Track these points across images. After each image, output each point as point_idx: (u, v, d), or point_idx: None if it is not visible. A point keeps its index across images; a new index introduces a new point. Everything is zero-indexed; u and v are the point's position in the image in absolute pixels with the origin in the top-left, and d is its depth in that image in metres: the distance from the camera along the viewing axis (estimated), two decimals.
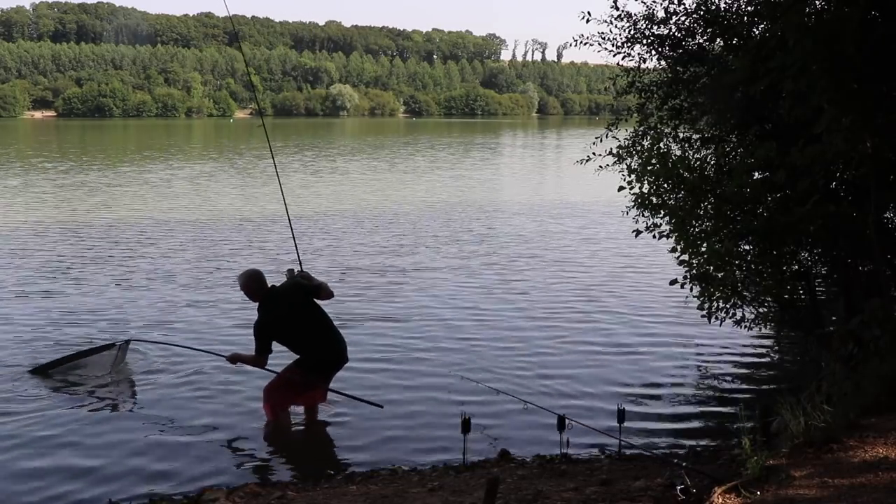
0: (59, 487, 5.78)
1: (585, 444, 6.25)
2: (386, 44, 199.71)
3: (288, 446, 6.61)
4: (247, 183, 28.91)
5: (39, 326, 9.93)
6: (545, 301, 11.46)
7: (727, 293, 7.38)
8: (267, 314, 6.82)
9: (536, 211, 21.79)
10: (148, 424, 7.04)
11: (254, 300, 6.99)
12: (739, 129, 7.63)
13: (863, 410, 5.14)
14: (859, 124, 5.69)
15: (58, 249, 15.21)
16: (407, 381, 8.04)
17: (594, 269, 13.75)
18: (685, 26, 8.05)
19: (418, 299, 11.42)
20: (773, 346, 9.27)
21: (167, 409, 7.43)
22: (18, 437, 6.66)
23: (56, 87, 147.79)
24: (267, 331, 6.80)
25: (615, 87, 9.19)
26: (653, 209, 7.49)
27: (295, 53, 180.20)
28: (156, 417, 7.21)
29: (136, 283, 12.49)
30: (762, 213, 6.95)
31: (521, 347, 9.18)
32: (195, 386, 7.92)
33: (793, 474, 4.31)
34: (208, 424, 7.05)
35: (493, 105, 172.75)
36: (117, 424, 7.01)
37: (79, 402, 7.47)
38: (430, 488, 5.30)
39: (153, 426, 7.00)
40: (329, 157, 43.27)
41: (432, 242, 16.44)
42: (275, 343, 6.87)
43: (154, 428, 6.96)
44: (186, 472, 6.06)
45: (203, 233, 17.43)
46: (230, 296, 11.23)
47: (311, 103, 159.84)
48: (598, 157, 8.26)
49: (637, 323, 10.26)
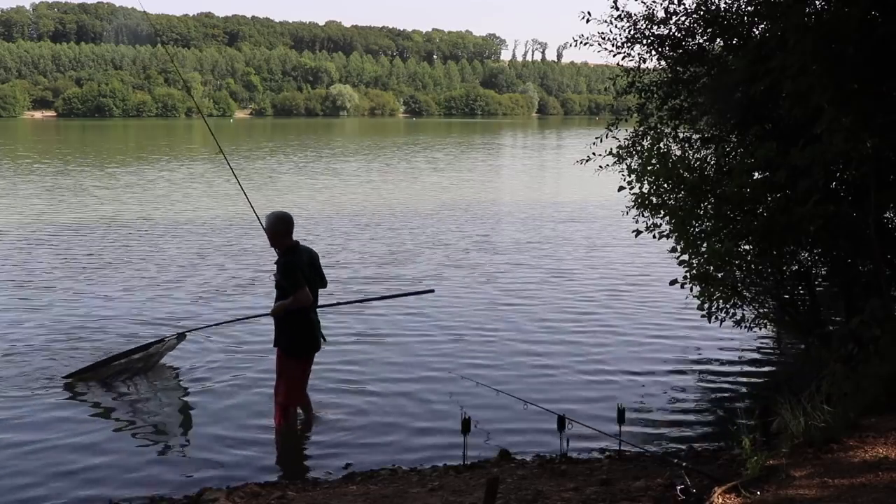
0: (59, 487, 5.77)
1: (585, 444, 6.24)
2: (386, 44, 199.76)
3: (288, 446, 6.60)
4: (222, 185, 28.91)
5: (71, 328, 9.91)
6: (545, 301, 11.46)
7: (727, 293, 7.38)
8: (294, 258, 6.54)
9: (536, 211, 21.78)
10: (148, 424, 7.05)
11: (275, 244, 6.62)
12: (739, 129, 7.63)
13: (863, 410, 5.14)
14: (859, 124, 5.69)
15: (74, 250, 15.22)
16: (407, 381, 8.03)
17: (594, 269, 13.74)
18: (685, 26, 8.04)
19: (418, 299, 11.40)
20: (773, 346, 9.27)
21: (167, 409, 7.43)
22: (18, 436, 6.66)
23: (56, 87, 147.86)
24: (299, 269, 6.48)
25: (615, 87, 9.18)
26: (653, 209, 7.48)
27: (295, 53, 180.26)
28: (156, 418, 7.21)
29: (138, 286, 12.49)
30: (762, 213, 6.94)
31: (520, 347, 9.17)
32: (195, 386, 7.92)
33: (793, 474, 4.31)
34: (209, 424, 7.04)
35: (493, 105, 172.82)
36: (117, 424, 7.01)
37: (78, 403, 7.47)
38: (430, 488, 5.30)
39: (153, 426, 7.01)
40: (332, 158, 43.26)
41: (432, 242, 16.43)
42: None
43: (154, 428, 6.97)
44: (186, 472, 6.06)
45: (192, 233, 17.44)
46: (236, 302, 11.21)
47: (311, 103, 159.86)
48: (598, 157, 8.26)
49: (637, 323, 10.25)
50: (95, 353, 8.64)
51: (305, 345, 6.74)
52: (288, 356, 6.76)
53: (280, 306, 6.60)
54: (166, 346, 8.28)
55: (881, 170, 6.41)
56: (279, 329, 6.73)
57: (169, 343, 8.31)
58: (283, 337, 6.71)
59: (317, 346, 6.82)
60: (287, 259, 6.53)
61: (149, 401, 7.60)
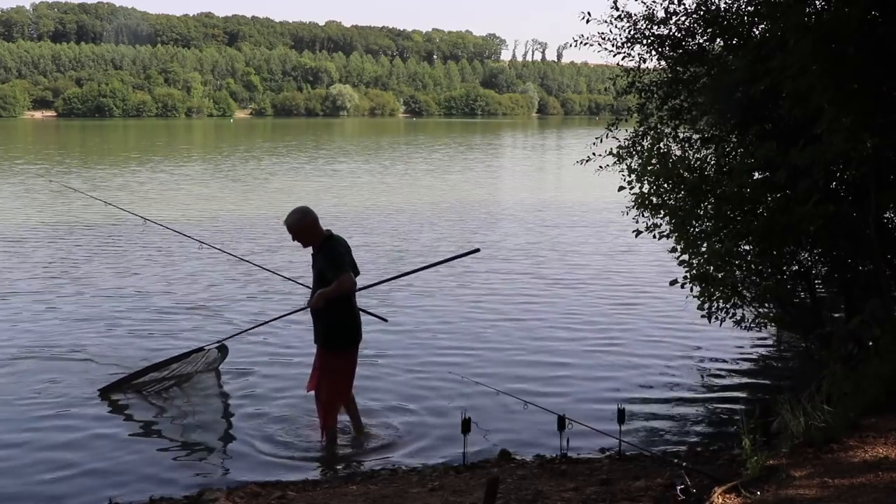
0: (58, 487, 5.78)
1: (585, 444, 6.24)
2: (386, 44, 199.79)
3: (288, 446, 6.60)
4: (226, 185, 28.91)
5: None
6: (545, 301, 11.46)
7: (727, 293, 7.37)
8: (336, 244, 6.27)
9: (536, 211, 21.78)
10: (148, 424, 7.05)
11: (309, 240, 6.30)
12: (739, 129, 7.63)
13: (863, 410, 5.14)
14: (859, 124, 5.69)
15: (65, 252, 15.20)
16: (407, 381, 8.03)
17: (593, 270, 13.74)
18: (685, 26, 8.04)
19: (418, 300, 11.41)
20: (773, 346, 9.27)
21: (167, 409, 7.43)
22: (17, 436, 6.66)
23: (56, 87, 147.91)
24: (343, 255, 6.18)
25: (615, 87, 9.18)
26: (653, 209, 7.48)
27: (295, 53, 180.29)
28: (156, 418, 7.21)
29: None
30: (762, 213, 6.94)
31: (521, 347, 9.17)
32: (195, 386, 7.92)
33: (793, 474, 4.31)
34: (209, 424, 7.05)
35: (493, 105, 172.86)
36: (116, 424, 7.01)
37: (78, 403, 7.46)
38: (430, 488, 5.30)
39: (153, 426, 7.01)
40: (332, 158, 43.28)
41: (431, 242, 16.44)
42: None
43: (154, 428, 6.97)
44: (186, 471, 6.06)
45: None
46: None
47: (311, 103, 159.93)
48: (598, 157, 8.26)
49: (637, 323, 10.26)
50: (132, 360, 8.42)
51: (347, 336, 6.39)
52: (329, 351, 6.40)
53: (320, 296, 6.13)
54: (206, 358, 7.97)
55: (881, 170, 6.41)
56: (319, 323, 6.36)
57: (209, 354, 7.99)
58: (324, 330, 6.36)
59: (359, 337, 6.49)
60: (330, 245, 6.25)
61: (148, 401, 7.59)
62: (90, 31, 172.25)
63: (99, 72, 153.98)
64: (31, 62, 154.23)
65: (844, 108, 5.69)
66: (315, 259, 6.34)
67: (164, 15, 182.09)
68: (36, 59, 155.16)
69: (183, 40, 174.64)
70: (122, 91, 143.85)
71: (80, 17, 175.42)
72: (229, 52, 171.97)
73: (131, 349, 8.96)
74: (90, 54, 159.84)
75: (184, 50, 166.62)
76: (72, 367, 8.34)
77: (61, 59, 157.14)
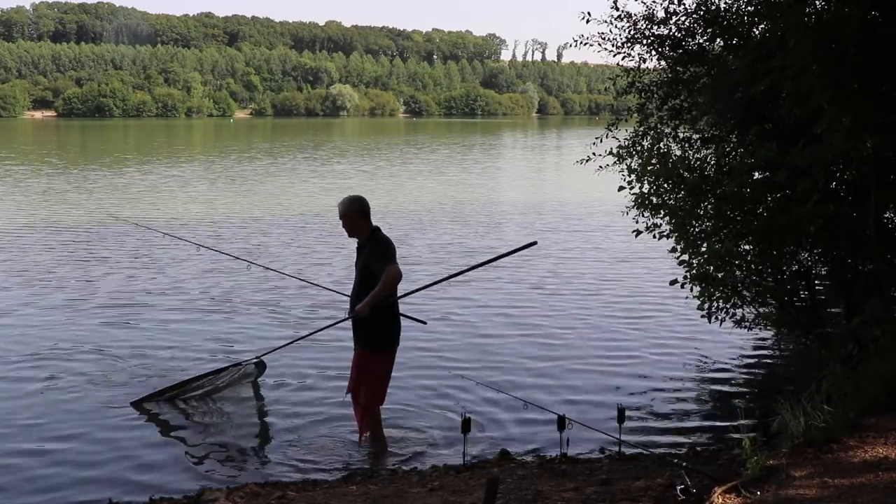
0: (58, 487, 5.78)
1: (585, 444, 6.24)
2: (386, 44, 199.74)
3: (288, 446, 6.60)
4: (227, 186, 28.91)
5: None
6: (545, 301, 11.46)
7: (727, 293, 7.38)
8: (387, 240, 6.13)
9: (536, 211, 21.80)
10: (147, 424, 7.04)
11: (356, 231, 6.20)
12: (739, 129, 7.63)
13: (863, 410, 5.14)
14: (859, 124, 5.69)
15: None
16: (407, 380, 8.02)
17: (593, 269, 13.75)
18: (685, 26, 8.04)
19: (418, 300, 11.37)
20: (773, 346, 9.27)
21: (167, 409, 7.42)
22: (17, 436, 6.67)
23: (56, 87, 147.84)
24: (392, 247, 6.03)
25: (615, 87, 9.18)
26: (653, 209, 7.48)
27: (295, 53, 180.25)
28: (156, 418, 7.20)
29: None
30: (762, 213, 6.94)
31: (521, 347, 9.17)
32: None
33: (793, 474, 4.31)
34: (209, 424, 7.05)
35: (493, 105, 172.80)
36: (116, 424, 7.00)
37: (77, 404, 7.46)
38: (430, 488, 5.30)
39: (153, 426, 7.01)
40: (334, 158, 43.28)
41: (431, 242, 16.44)
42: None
43: (154, 428, 6.96)
44: (186, 471, 6.06)
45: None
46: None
47: (311, 103, 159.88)
48: (598, 157, 8.26)
49: (637, 323, 10.25)
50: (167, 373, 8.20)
51: (388, 337, 6.28)
52: (371, 352, 6.28)
53: (367, 303, 5.97)
54: (243, 372, 7.64)
55: (881, 170, 6.41)
56: (362, 325, 6.18)
57: (246, 368, 7.67)
58: (367, 332, 6.20)
59: (398, 339, 6.37)
60: (377, 238, 6.13)
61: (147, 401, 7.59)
62: (90, 31, 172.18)
63: (99, 72, 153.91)
64: (31, 62, 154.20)
65: (844, 108, 5.69)
66: (360, 252, 6.24)
67: (164, 15, 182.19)
68: (36, 59, 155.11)
69: (183, 40, 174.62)
70: (122, 91, 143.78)
71: (80, 17, 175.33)
72: (229, 52, 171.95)
73: (160, 360, 8.71)
74: (90, 54, 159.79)
75: (184, 50, 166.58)
76: (86, 369, 8.32)
77: (61, 59, 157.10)
